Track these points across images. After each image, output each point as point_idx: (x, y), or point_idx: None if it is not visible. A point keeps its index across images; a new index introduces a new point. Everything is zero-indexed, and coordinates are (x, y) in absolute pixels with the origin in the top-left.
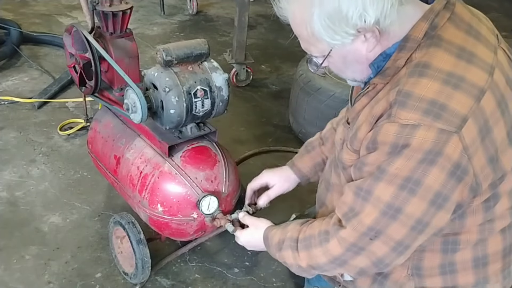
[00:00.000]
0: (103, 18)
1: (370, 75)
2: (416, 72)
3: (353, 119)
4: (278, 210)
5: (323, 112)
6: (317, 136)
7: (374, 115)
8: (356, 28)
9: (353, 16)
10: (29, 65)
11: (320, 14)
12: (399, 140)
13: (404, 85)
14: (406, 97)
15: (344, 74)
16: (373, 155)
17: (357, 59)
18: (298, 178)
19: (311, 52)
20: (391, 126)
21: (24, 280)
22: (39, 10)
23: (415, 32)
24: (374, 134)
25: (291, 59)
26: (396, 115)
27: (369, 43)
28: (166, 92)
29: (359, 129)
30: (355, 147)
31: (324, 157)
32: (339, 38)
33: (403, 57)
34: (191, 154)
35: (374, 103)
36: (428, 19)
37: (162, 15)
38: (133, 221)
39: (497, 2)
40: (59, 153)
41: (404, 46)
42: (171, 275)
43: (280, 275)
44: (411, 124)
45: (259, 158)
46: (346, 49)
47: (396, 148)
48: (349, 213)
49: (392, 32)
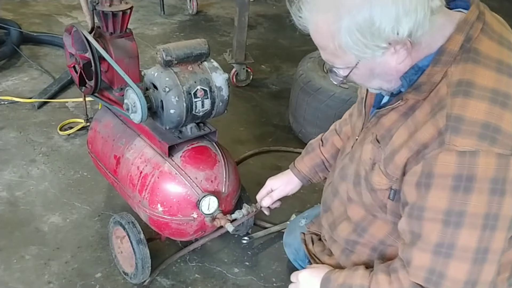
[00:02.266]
0: (103, 18)
1: (400, 87)
2: (460, 92)
3: (383, 137)
4: (278, 210)
5: (323, 112)
6: (319, 137)
7: (418, 141)
8: (388, 41)
9: (386, 29)
10: (29, 65)
11: (350, 26)
12: (463, 171)
13: (452, 108)
14: (457, 121)
15: (369, 84)
16: (433, 196)
17: (386, 71)
18: (299, 180)
19: (334, 63)
20: (448, 155)
21: (24, 280)
22: (39, 10)
23: (451, 45)
24: (427, 167)
25: (291, 59)
26: (451, 142)
27: (399, 55)
28: (166, 92)
29: (396, 153)
30: (389, 172)
31: (323, 158)
32: (369, 52)
33: (438, 72)
34: (191, 154)
35: (412, 124)
36: (464, 30)
37: (162, 15)
38: (133, 221)
39: (497, 2)
40: (59, 153)
41: (439, 59)
42: (171, 275)
43: (280, 275)
44: (469, 151)
45: (259, 158)
46: (375, 61)
47: (461, 180)
48: (432, 277)
49: (424, 43)
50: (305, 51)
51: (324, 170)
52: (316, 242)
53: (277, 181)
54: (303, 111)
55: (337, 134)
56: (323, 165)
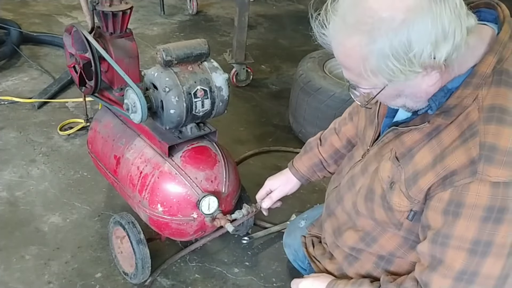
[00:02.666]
0: (103, 18)
1: (427, 109)
2: (493, 119)
3: (403, 155)
4: (278, 210)
5: (323, 112)
6: (317, 136)
7: (446, 167)
8: (424, 65)
9: (423, 54)
10: (29, 65)
11: (384, 51)
12: (495, 203)
13: (485, 137)
14: (491, 151)
15: (392, 103)
16: (461, 225)
17: (415, 93)
18: (297, 179)
19: (359, 84)
20: (481, 186)
21: (24, 280)
22: (39, 10)
23: (483, 67)
24: (457, 196)
25: (291, 59)
26: (484, 172)
27: (430, 77)
28: (166, 92)
29: (420, 176)
30: (411, 194)
31: (322, 158)
32: (403, 77)
33: (470, 95)
34: (191, 154)
35: (437, 147)
36: (496, 52)
37: (162, 15)
38: (133, 221)
39: None
40: (59, 153)
41: (470, 82)
42: (171, 275)
43: (280, 275)
44: (503, 182)
45: (259, 158)
46: (405, 84)
47: (493, 212)
48: None
49: (456, 64)
50: (305, 51)
51: (322, 170)
52: (317, 245)
53: (276, 181)
54: (303, 111)
55: (335, 133)
56: (321, 165)
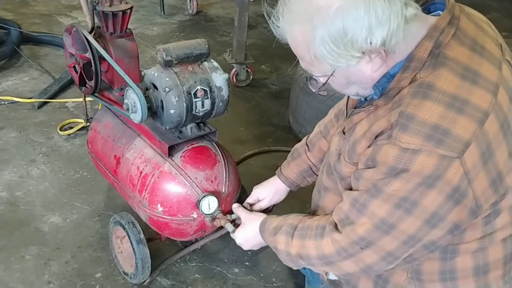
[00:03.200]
0: (103, 18)
1: (372, 95)
2: (419, 93)
3: (349, 129)
4: (279, 210)
5: (323, 112)
6: (303, 142)
7: (373, 131)
8: (361, 50)
9: (359, 39)
10: (29, 65)
11: (323, 37)
12: (398, 164)
13: (406, 107)
14: (408, 120)
15: (347, 91)
16: (370, 171)
17: (361, 79)
18: (286, 186)
19: (312, 72)
20: (391, 148)
21: (24, 280)
22: (39, 10)
23: (419, 51)
24: (373, 153)
25: (291, 59)
26: (397, 138)
27: (374, 63)
28: (166, 92)
29: (357, 143)
30: (354, 161)
31: (311, 163)
32: (344, 61)
33: (407, 78)
34: (191, 154)
35: (373, 118)
36: (433, 37)
37: (162, 15)
38: (133, 221)
39: (497, 2)
40: (59, 153)
41: (408, 66)
42: (171, 275)
43: (280, 275)
44: (412, 149)
45: (259, 158)
46: (350, 70)
47: (394, 170)
48: (344, 220)
49: (397, 51)
50: None
51: (312, 175)
52: None
53: (263, 191)
54: (303, 111)
55: (323, 137)
56: (310, 170)
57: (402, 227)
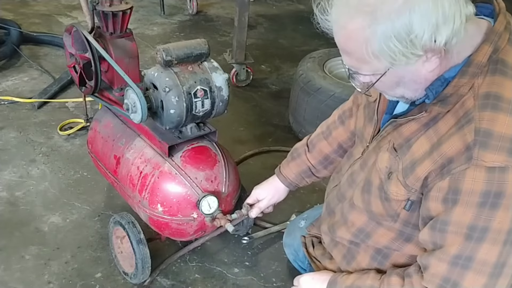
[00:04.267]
0: (103, 18)
1: (424, 98)
2: (488, 106)
3: (401, 146)
4: (279, 210)
5: (323, 112)
6: (304, 142)
7: (443, 154)
8: (424, 48)
9: (424, 36)
10: (29, 65)
11: (387, 32)
12: (491, 187)
13: (480, 123)
14: (486, 136)
15: (392, 92)
16: (458, 211)
17: (415, 79)
18: (285, 186)
19: (360, 70)
20: (476, 171)
21: (24, 280)
22: (39, 10)
23: (479, 56)
24: (454, 183)
25: (291, 59)
26: (479, 158)
27: (430, 63)
28: (166, 92)
29: (417, 164)
30: (409, 183)
31: (310, 164)
32: (404, 60)
33: (466, 84)
34: (191, 154)
35: (434, 136)
36: (492, 42)
37: (162, 15)
38: (133, 221)
39: None
40: (59, 153)
41: (466, 71)
42: (171, 275)
43: (280, 275)
44: (498, 167)
45: (259, 158)
46: (405, 69)
47: (489, 197)
48: (445, 285)
49: (455, 52)
50: (305, 51)
51: (311, 176)
52: (317, 245)
53: (263, 191)
54: (303, 111)
55: (324, 139)
56: (309, 171)
57: (511, 261)
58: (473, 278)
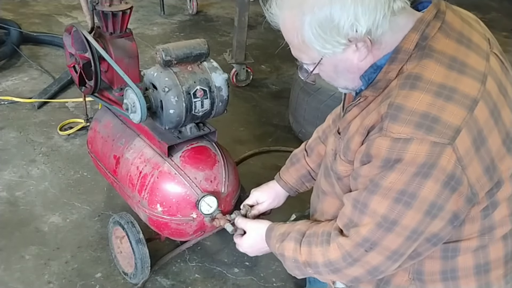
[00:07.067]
0: (103, 18)
1: (361, 86)
2: (407, 84)
3: (344, 129)
4: (278, 210)
5: (323, 112)
6: (302, 147)
7: (365, 126)
8: (347, 37)
9: (345, 26)
10: (29, 65)
11: (311, 22)
12: (392, 155)
13: (395, 98)
14: (397, 110)
15: (335, 82)
16: (366, 167)
17: (348, 68)
18: (286, 191)
19: (301, 59)
20: (383, 140)
21: (24, 280)
22: (39, 10)
23: (406, 43)
24: (367, 148)
25: (291, 59)
26: (388, 129)
27: (360, 52)
28: (166, 92)
29: (351, 140)
30: (349, 158)
31: (309, 168)
32: (330, 47)
33: (394, 69)
34: (191, 154)
35: (365, 114)
36: (419, 30)
37: (162, 15)
38: (132, 221)
39: (497, 2)
40: (59, 153)
41: (395, 57)
42: (171, 275)
43: (280, 275)
44: (403, 138)
45: (259, 158)
46: (337, 58)
47: (389, 162)
48: (349, 224)
49: (384, 42)
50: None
51: (310, 180)
52: None
53: (263, 195)
54: (303, 111)
55: (322, 142)
56: (309, 176)
57: (404, 222)
58: (367, 222)
